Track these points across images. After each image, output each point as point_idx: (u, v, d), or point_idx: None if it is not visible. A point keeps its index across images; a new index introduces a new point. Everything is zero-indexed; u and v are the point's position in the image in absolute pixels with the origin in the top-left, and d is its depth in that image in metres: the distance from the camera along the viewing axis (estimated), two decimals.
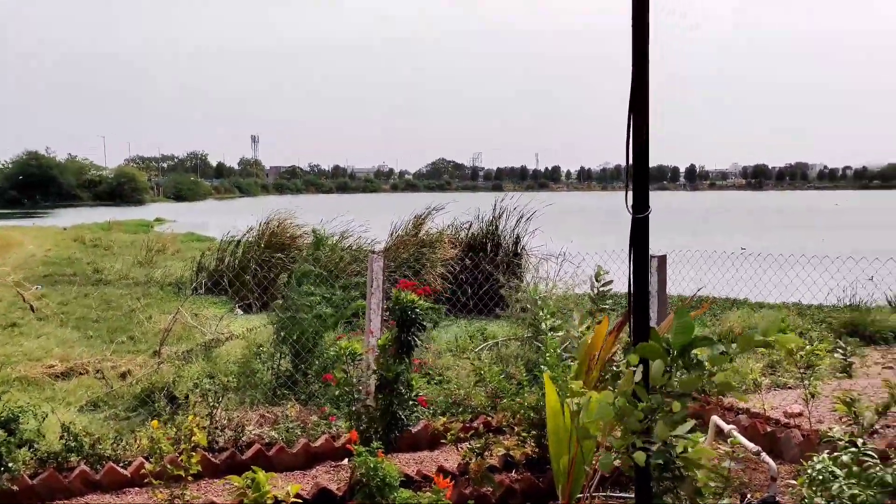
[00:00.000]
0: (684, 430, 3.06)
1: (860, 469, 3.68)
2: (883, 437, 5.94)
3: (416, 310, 5.72)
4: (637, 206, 3.22)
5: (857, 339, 11.41)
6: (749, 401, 7.05)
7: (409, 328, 5.73)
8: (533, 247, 15.34)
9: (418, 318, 5.74)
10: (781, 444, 5.64)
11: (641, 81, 3.14)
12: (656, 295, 6.81)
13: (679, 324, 2.94)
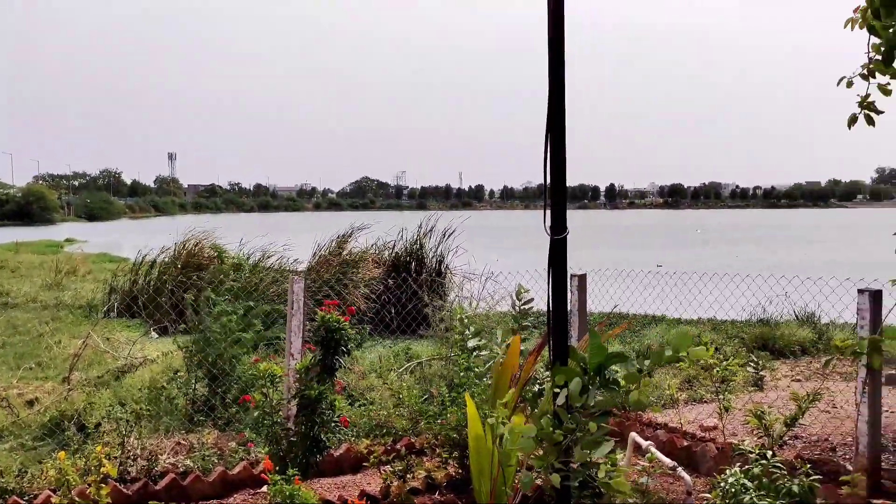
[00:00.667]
0: (603, 452, 3.09)
1: (769, 481, 3.80)
2: (791, 448, 6.15)
3: (342, 331, 5.64)
4: (555, 227, 3.25)
5: (767, 353, 11.84)
6: (667, 416, 7.21)
7: (334, 350, 5.64)
8: (457, 265, 15.42)
9: (344, 340, 5.66)
10: (697, 458, 5.78)
11: (558, 104, 3.18)
12: (577, 313, 6.90)
13: (593, 344, 2.98)
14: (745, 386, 9.21)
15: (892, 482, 5.01)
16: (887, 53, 6.33)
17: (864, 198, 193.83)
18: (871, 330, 4.84)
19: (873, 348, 4.64)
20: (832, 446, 6.40)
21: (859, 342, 4.77)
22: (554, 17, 3.13)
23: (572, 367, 3.03)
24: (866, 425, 4.89)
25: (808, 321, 14.20)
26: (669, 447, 5.92)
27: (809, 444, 6.57)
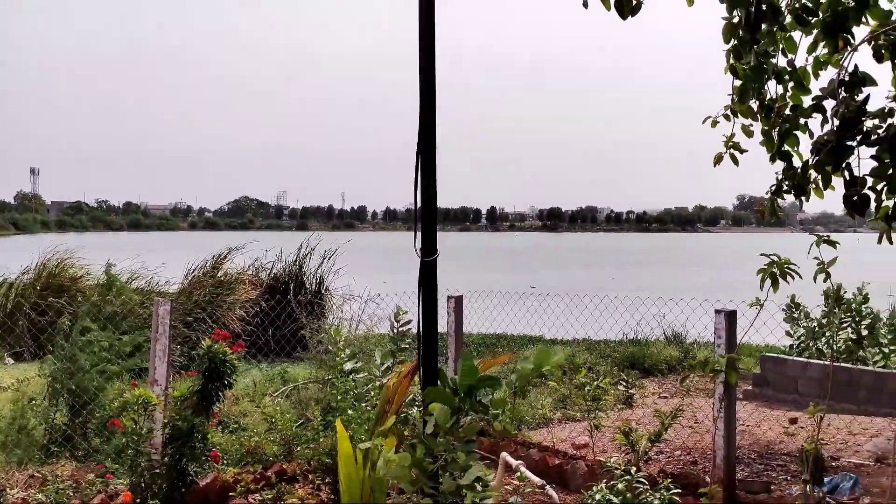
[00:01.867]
0: (471, 477, 3.10)
1: (633, 496, 3.93)
2: (657, 463, 6.40)
3: (227, 363, 5.44)
4: (425, 249, 3.26)
5: (637, 372, 12.32)
6: (541, 435, 7.37)
7: (216, 380, 5.43)
8: (337, 287, 15.28)
9: (228, 372, 5.46)
10: (568, 476, 5.91)
11: (428, 127, 3.21)
12: (453, 335, 6.94)
13: (464, 367, 3.00)
14: (616, 404, 9.54)
15: (745, 493, 5.29)
16: (741, 92, 6.77)
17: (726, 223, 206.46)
18: (727, 348, 5.12)
19: (729, 366, 4.91)
20: (693, 460, 6.71)
21: (717, 360, 5.04)
22: (425, 43, 3.17)
23: (442, 391, 3.03)
24: (722, 439, 5.15)
25: (676, 340, 14.92)
26: (542, 466, 6.03)
27: (673, 458, 6.87)
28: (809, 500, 4.71)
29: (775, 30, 6.27)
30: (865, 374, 9.75)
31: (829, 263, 4.41)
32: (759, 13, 5.94)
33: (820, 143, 6.55)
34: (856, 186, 6.57)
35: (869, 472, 6.05)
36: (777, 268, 4.47)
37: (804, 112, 6.59)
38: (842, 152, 6.40)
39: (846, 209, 6.73)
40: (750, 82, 6.37)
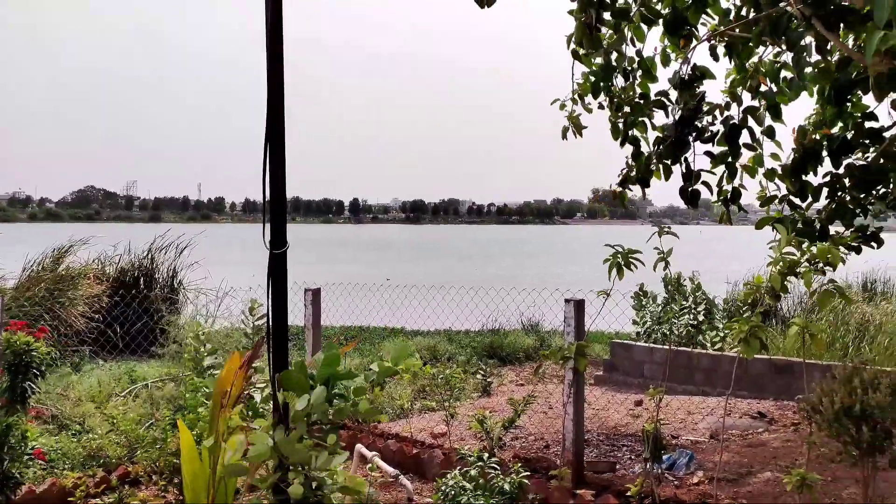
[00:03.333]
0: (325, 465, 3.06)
1: (485, 481, 4.01)
2: (511, 449, 6.57)
3: (33, 353, 5.09)
4: (275, 241, 3.18)
5: (495, 361, 12.63)
6: (400, 425, 7.40)
7: (23, 374, 5.07)
8: (192, 280, 14.72)
9: (35, 363, 5.11)
10: (425, 465, 5.97)
11: (277, 113, 3.12)
12: (311, 328, 6.85)
13: (327, 356, 2.95)
14: (475, 392, 9.73)
15: (592, 473, 5.53)
16: (594, 86, 7.04)
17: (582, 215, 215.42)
18: (576, 336, 5.31)
19: (578, 353, 5.10)
20: (547, 444, 6.94)
21: (566, 348, 5.22)
22: (272, 28, 3.08)
23: (299, 377, 2.98)
24: (572, 423, 5.35)
25: (533, 329, 15.41)
26: (399, 456, 6.06)
27: (528, 443, 7.07)
28: (649, 476, 4.98)
29: (623, 26, 6.58)
30: (703, 356, 10.43)
31: (667, 253, 4.66)
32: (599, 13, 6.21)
33: (661, 137, 6.94)
34: (691, 181, 7.01)
35: (703, 448, 6.48)
36: (621, 257, 4.68)
37: (648, 104, 6.95)
38: (680, 147, 6.81)
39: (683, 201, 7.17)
40: (600, 79, 6.66)
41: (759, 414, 8.30)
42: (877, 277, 17.10)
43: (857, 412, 3.90)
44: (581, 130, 7.34)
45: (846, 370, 4.17)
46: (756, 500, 4.92)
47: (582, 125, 7.33)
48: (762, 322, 4.52)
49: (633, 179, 7.28)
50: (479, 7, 6.00)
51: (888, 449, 4.06)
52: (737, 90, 6.86)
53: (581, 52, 6.79)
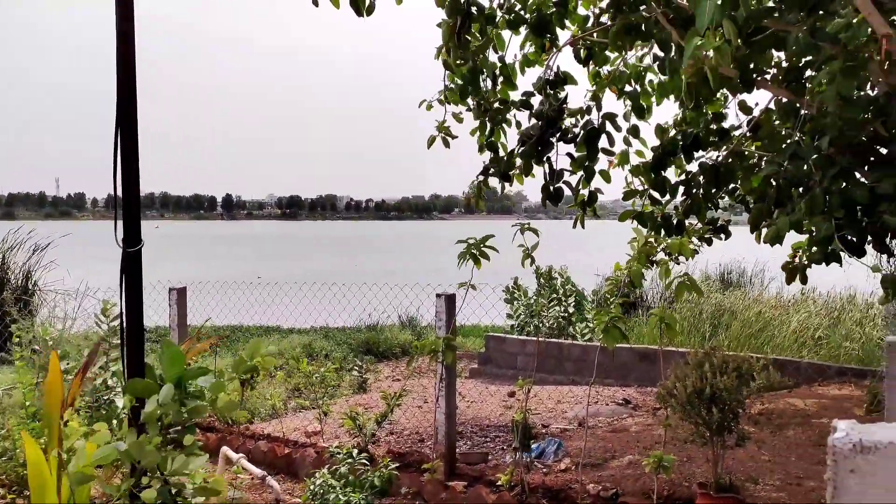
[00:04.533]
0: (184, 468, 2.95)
1: (355, 477, 3.99)
2: (386, 444, 6.58)
3: None
4: (128, 239, 3.04)
5: (372, 357, 12.61)
6: (273, 425, 7.25)
7: None
8: (49, 282, 13.89)
9: None
10: (297, 464, 5.89)
11: (128, 99, 2.98)
12: (176, 328, 6.61)
13: (168, 355, 2.84)
14: (351, 389, 9.67)
15: (465, 464, 5.62)
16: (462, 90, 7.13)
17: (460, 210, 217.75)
18: (446, 330, 5.37)
19: (446, 347, 5.16)
20: (421, 438, 6.99)
21: (436, 342, 5.27)
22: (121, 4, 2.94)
23: (145, 383, 2.85)
24: (444, 416, 5.41)
25: (410, 324, 15.48)
26: (271, 456, 5.95)
27: (403, 438, 7.10)
28: (519, 465, 5.11)
29: (490, 30, 6.70)
30: (574, 347, 10.80)
31: (532, 248, 4.78)
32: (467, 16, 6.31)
33: (526, 135, 7.13)
34: (553, 180, 7.24)
35: (571, 436, 6.71)
36: (475, 249, 4.76)
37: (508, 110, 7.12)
38: (544, 146, 7.01)
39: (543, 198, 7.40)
40: (468, 84, 6.76)
41: (625, 401, 8.69)
42: (733, 269, 18.21)
43: (706, 395, 4.14)
44: (449, 142, 7.47)
45: (697, 356, 4.43)
46: (618, 482, 5.14)
47: (451, 135, 7.45)
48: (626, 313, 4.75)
49: (496, 173, 7.44)
50: (356, 16, 5.96)
51: (735, 428, 4.34)
52: (599, 94, 7.14)
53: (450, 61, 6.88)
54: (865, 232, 6.11)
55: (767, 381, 4.19)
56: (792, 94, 6.65)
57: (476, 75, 6.80)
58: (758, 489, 4.86)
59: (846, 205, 5.92)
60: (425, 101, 7.29)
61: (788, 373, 8.88)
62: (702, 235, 7.70)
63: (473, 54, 6.71)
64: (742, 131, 7.54)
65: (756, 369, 4.23)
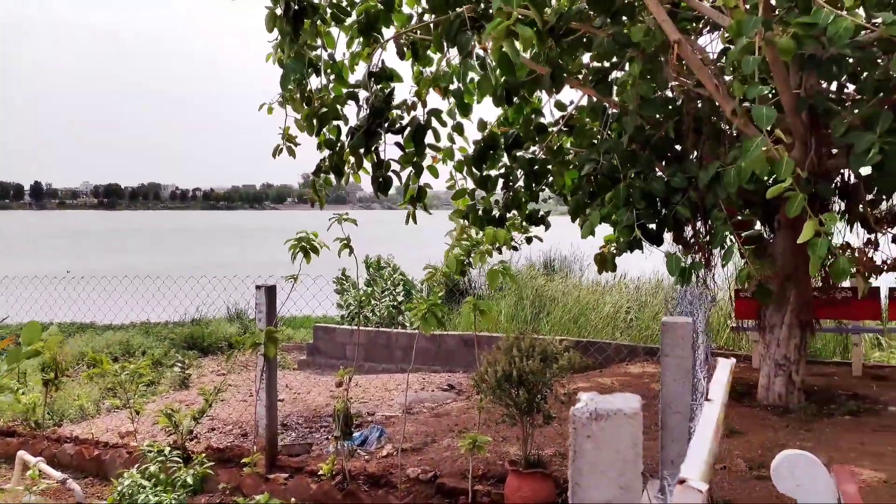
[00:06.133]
0: None
1: (167, 476, 3.88)
2: (206, 440, 6.40)
3: None
4: None
5: (196, 352, 12.19)
6: (84, 427, 6.86)
7: None
8: None
9: None
10: (107, 466, 5.62)
11: None
12: None
13: None
14: (173, 386, 9.32)
15: (288, 456, 5.59)
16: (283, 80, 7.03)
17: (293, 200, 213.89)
18: (267, 322, 5.31)
19: (268, 339, 5.10)
20: (244, 432, 6.87)
21: (256, 334, 5.20)
22: None
23: None
24: (264, 409, 5.35)
25: (238, 317, 15.10)
26: (79, 459, 5.64)
27: (225, 433, 6.95)
28: (341, 454, 5.16)
29: (318, 23, 6.67)
30: (402, 335, 10.98)
31: (348, 240, 4.82)
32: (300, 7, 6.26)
33: (353, 128, 7.17)
34: (381, 169, 7.34)
35: (395, 422, 6.84)
36: (306, 242, 4.76)
37: (340, 100, 7.15)
38: (371, 137, 7.09)
39: (373, 189, 7.48)
40: (291, 72, 6.68)
41: (449, 386, 8.96)
42: (556, 256, 19.09)
43: (514, 378, 4.37)
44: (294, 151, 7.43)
45: (507, 341, 4.66)
46: (437, 465, 5.31)
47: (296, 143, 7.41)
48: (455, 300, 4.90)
49: (327, 169, 7.45)
50: None
51: (543, 408, 4.61)
52: (423, 91, 7.29)
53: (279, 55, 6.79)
54: (664, 222, 6.68)
55: (569, 362, 4.48)
56: (599, 93, 7.12)
57: (300, 65, 6.75)
58: (565, 463, 5.20)
59: (646, 197, 6.44)
60: (265, 104, 7.19)
61: (603, 353, 9.51)
62: (522, 227, 8.09)
63: (298, 44, 6.65)
64: (558, 128, 7.98)
65: (559, 351, 4.51)
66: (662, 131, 6.78)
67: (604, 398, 1.26)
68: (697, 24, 7.32)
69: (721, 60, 6.74)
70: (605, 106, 7.17)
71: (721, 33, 6.81)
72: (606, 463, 1.19)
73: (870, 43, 5.27)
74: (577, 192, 7.34)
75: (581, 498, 1.22)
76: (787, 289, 6.69)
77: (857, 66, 5.86)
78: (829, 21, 4.14)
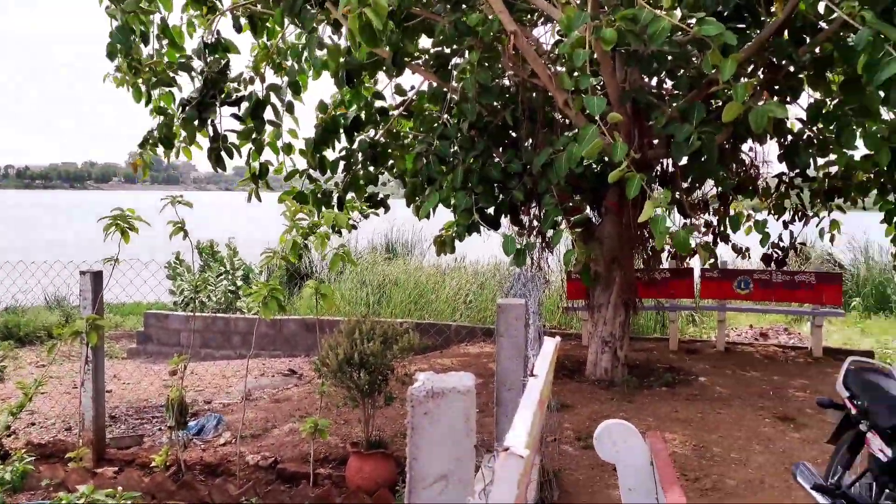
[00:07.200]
0: None
1: None
2: (27, 436, 5.98)
3: None
4: None
5: (12, 342, 11.29)
6: None
7: None
8: None
9: None
10: None
11: None
12: None
13: None
14: None
15: (117, 449, 5.33)
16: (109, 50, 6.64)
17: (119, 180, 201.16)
18: (92, 309, 5.02)
19: (93, 327, 4.83)
20: (69, 426, 6.47)
21: (80, 322, 4.91)
22: None
23: None
24: (90, 400, 5.08)
25: (59, 304, 14.09)
26: None
27: (47, 428, 6.51)
28: (175, 444, 4.98)
29: None
30: (241, 321, 10.70)
31: (182, 223, 4.65)
32: None
33: (185, 100, 6.89)
34: (218, 142, 7.11)
35: (234, 410, 6.68)
36: (122, 220, 4.53)
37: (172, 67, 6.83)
38: (205, 109, 6.84)
39: (210, 163, 7.23)
40: (116, 41, 6.32)
41: (290, 371, 8.85)
42: (398, 238, 19.13)
43: (356, 361, 4.40)
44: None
45: (349, 324, 4.67)
46: (277, 450, 5.26)
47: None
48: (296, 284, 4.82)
49: (156, 141, 7.12)
50: None
51: (383, 390, 4.67)
52: (260, 66, 7.11)
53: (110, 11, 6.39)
54: (501, 206, 6.92)
55: (410, 344, 4.56)
56: (440, 79, 7.25)
57: (127, 34, 6.39)
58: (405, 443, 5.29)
59: (484, 181, 6.65)
60: (108, 75, 6.76)
61: (443, 335, 9.73)
62: (362, 209, 8.09)
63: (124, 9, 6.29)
64: (398, 112, 8.04)
65: (400, 334, 4.59)
66: (500, 119, 7.01)
67: (439, 377, 1.31)
68: (533, 15, 7.61)
69: (555, 52, 7.06)
70: (445, 92, 7.30)
71: (554, 25, 7.11)
72: (442, 438, 1.25)
73: (685, 42, 5.72)
74: (415, 176, 7.43)
75: (419, 472, 1.27)
76: (613, 270, 7.14)
77: (675, 63, 6.33)
78: (650, 20, 4.44)
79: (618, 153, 4.59)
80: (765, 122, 4.52)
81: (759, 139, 7.05)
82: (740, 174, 7.69)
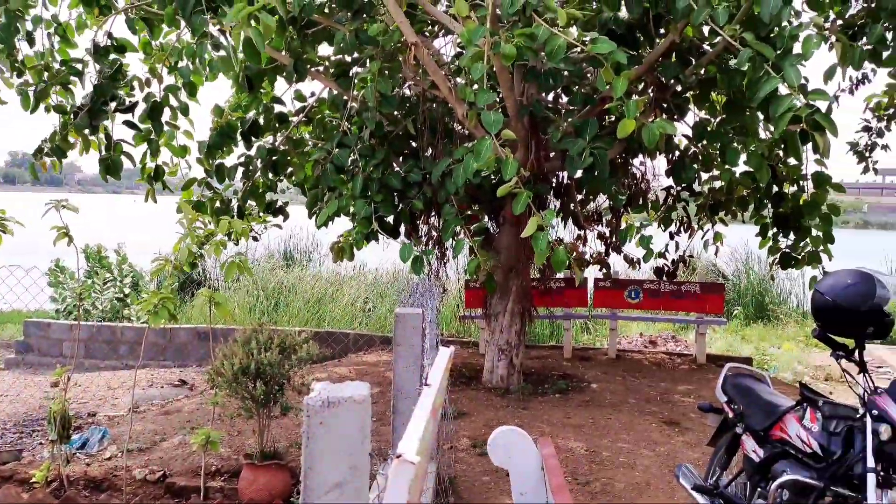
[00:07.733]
0: None
1: None
2: None
3: None
4: None
5: None
6: None
7: None
8: None
9: None
10: None
11: None
12: None
13: None
14: None
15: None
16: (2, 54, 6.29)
17: None
18: None
19: None
20: None
21: None
22: None
23: None
24: None
25: None
26: None
27: None
28: (57, 459, 4.76)
29: None
30: (128, 330, 10.30)
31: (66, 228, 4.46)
32: None
33: (77, 107, 6.61)
34: (111, 151, 6.85)
35: (120, 422, 6.43)
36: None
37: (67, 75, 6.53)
38: (97, 115, 6.58)
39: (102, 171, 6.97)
40: None
41: (181, 381, 8.58)
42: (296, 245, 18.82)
43: (252, 371, 4.33)
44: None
45: (245, 333, 4.59)
46: (166, 464, 5.09)
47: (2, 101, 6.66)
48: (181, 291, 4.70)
49: (49, 151, 6.81)
50: None
51: (279, 399, 4.61)
52: (156, 66, 6.89)
53: None
54: (400, 215, 6.95)
55: (308, 353, 4.52)
56: (340, 87, 7.22)
57: (9, 34, 6.07)
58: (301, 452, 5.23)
59: (384, 190, 6.66)
60: None
61: (341, 343, 9.66)
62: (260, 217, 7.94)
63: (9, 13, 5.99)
64: (298, 119, 7.95)
65: (298, 343, 4.54)
66: (400, 128, 7.05)
67: (335, 387, 1.32)
68: (434, 27, 7.69)
69: (455, 63, 7.16)
70: (345, 100, 7.27)
71: (455, 38, 7.21)
72: (338, 447, 1.26)
73: (581, 60, 5.92)
74: (315, 186, 7.35)
75: (314, 480, 1.28)
76: (510, 280, 7.28)
77: (570, 80, 6.54)
78: (547, 37, 4.58)
79: (508, 171, 4.73)
80: (657, 138, 4.73)
81: (649, 154, 7.36)
82: (631, 188, 8.00)
